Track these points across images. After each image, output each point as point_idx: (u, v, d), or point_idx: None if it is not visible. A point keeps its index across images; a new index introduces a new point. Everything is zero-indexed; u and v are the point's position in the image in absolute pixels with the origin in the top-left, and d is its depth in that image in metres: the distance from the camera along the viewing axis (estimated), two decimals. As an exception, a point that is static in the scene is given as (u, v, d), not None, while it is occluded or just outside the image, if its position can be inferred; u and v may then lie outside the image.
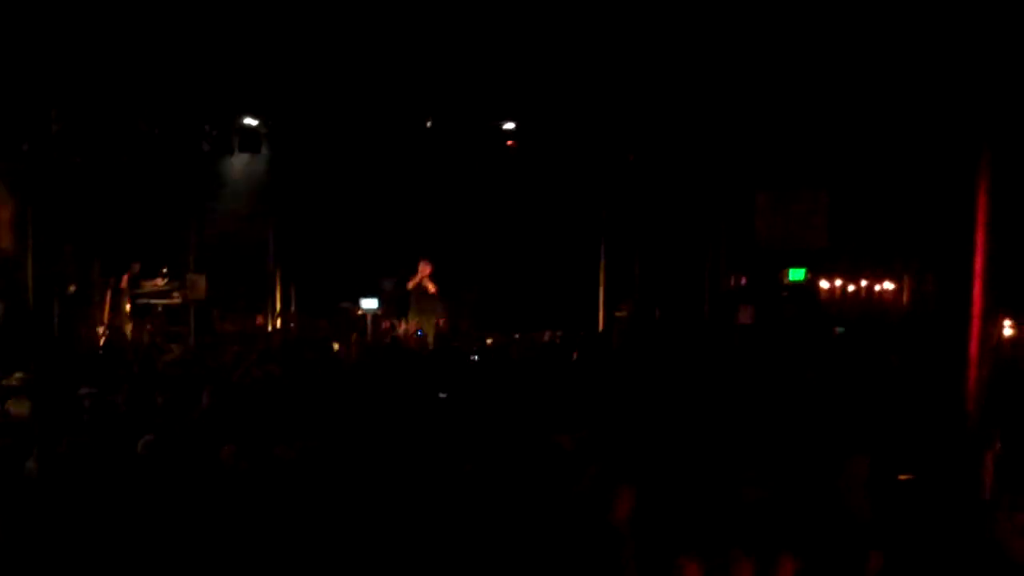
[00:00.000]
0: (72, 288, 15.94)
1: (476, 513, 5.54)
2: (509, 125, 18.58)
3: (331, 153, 19.35)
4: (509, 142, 19.00)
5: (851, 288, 19.30)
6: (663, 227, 19.15)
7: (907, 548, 5.28)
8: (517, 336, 17.49)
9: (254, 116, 17.87)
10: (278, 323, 19.12)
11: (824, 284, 19.34)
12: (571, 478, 5.55)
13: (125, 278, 17.66)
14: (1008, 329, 15.75)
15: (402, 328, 18.42)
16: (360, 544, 5.55)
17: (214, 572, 5.57)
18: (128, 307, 17.59)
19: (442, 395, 10.54)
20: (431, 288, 18.62)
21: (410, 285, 18.81)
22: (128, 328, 17.00)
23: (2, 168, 14.50)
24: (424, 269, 18.71)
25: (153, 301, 18.11)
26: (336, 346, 15.52)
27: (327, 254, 19.79)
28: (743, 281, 19.43)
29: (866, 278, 19.03)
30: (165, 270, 18.31)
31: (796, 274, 19.12)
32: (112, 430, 8.37)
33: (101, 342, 15.79)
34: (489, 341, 16.80)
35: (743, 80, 14.78)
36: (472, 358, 14.29)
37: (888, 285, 18.65)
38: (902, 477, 7.19)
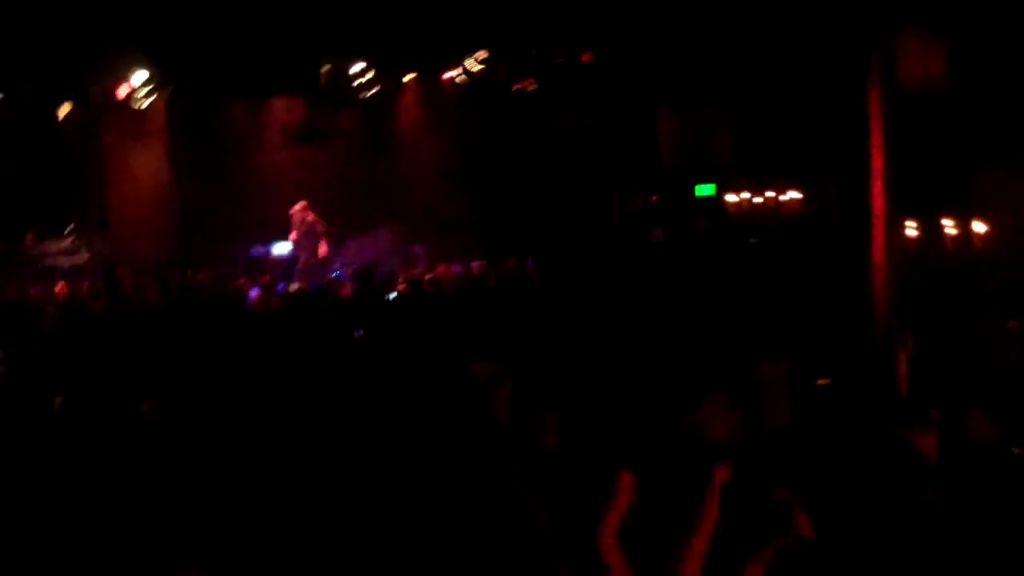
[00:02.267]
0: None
1: (394, 447, 5.56)
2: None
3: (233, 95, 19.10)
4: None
5: (758, 200, 19.54)
6: (569, 152, 19.18)
7: (822, 451, 5.38)
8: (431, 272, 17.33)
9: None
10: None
11: (731, 198, 19.57)
12: (486, 404, 5.60)
13: (29, 237, 17.25)
14: (912, 230, 16.11)
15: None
16: (275, 488, 5.54)
17: (133, 528, 5.55)
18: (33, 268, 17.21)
19: (358, 332, 10.50)
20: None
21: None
22: (34, 289, 16.61)
23: None
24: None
25: (59, 262, 17.66)
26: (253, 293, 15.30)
27: (235, 202, 19.40)
28: (653, 199, 19.54)
29: (772, 189, 19.28)
30: (70, 228, 17.82)
31: (705, 189, 19.28)
32: (28, 391, 8.28)
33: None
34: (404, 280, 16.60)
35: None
36: (389, 296, 14.20)
37: (794, 195, 18.93)
38: (820, 382, 7.29)
